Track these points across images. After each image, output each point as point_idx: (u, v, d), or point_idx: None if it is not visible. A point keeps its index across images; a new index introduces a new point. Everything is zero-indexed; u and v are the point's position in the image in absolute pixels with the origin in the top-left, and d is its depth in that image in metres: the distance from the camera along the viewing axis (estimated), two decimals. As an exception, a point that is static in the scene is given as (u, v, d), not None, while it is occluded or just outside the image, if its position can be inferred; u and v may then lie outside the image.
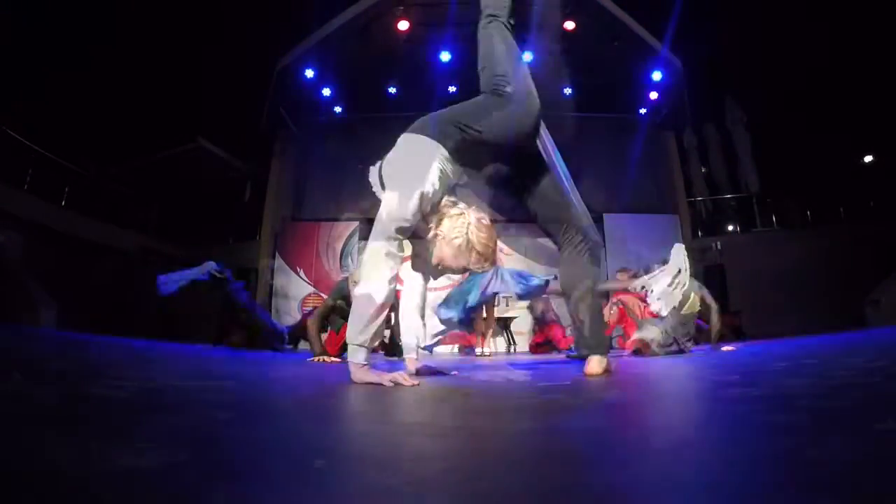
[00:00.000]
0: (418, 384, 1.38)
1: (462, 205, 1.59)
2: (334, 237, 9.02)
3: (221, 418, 0.68)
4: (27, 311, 6.25)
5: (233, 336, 3.62)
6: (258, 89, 9.23)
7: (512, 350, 6.84)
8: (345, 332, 1.49)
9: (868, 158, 13.30)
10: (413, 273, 1.81)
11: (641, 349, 3.34)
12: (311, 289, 8.85)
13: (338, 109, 9.56)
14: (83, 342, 2.93)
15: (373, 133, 8.90)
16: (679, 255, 3.23)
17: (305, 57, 8.54)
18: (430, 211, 1.53)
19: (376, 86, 9.26)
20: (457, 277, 4.44)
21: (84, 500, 0.32)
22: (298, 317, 7.86)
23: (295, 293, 8.85)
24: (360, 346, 1.38)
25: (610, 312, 3.65)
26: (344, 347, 3.28)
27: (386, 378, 1.37)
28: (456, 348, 7.18)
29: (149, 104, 11.39)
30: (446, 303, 3.75)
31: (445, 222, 1.53)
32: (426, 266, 1.78)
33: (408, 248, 1.62)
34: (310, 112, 9.41)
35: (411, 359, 1.79)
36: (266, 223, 9.52)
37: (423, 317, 1.89)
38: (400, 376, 1.38)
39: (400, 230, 1.43)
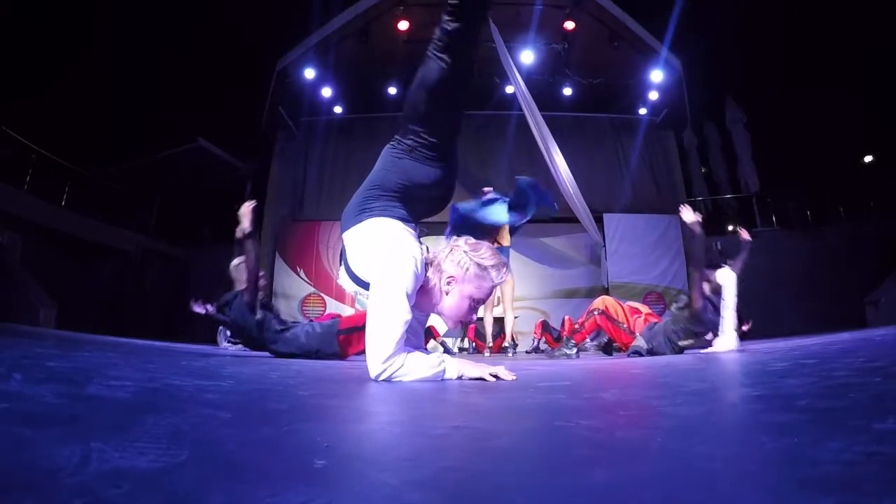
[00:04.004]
0: (516, 377, 1.41)
1: (436, 247, 1.57)
2: (334, 237, 9.03)
3: (221, 418, 0.68)
4: (27, 311, 6.25)
5: None
6: (258, 89, 9.24)
7: (511, 353, 6.83)
8: None
9: (868, 158, 13.31)
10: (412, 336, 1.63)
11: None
12: (311, 289, 8.85)
13: (338, 109, 9.56)
14: (83, 342, 2.93)
15: (373, 133, 8.92)
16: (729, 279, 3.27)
17: (305, 57, 8.55)
18: (424, 277, 1.47)
19: (376, 86, 9.26)
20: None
21: (84, 500, 0.32)
22: (299, 317, 7.85)
23: (295, 293, 8.85)
24: (437, 367, 1.39)
25: (587, 318, 3.66)
26: None
27: (487, 371, 1.40)
28: (458, 345, 7.17)
29: (149, 104, 11.39)
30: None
31: (445, 265, 1.49)
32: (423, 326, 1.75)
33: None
34: (310, 112, 9.42)
35: (452, 359, 1.51)
36: (266, 223, 9.51)
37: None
38: (500, 370, 1.41)
39: (405, 323, 1.35)
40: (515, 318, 7.57)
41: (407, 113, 1.60)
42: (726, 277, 3.37)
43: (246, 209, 3.00)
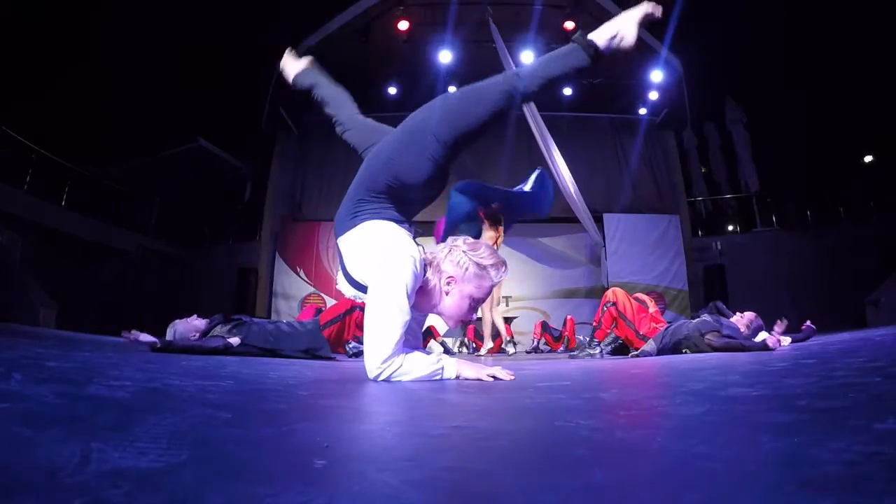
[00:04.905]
0: (514, 377, 1.41)
1: (435, 247, 1.57)
2: (334, 238, 9.02)
3: (221, 418, 0.68)
4: (27, 311, 6.24)
5: None
6: (258, 89, 9.24)
7: (513, 350, 6.83)
8: None
9: (868, 158, 13.30)
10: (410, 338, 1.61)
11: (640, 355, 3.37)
12: (311, 289, 8.85)
13: (338, 109, 9.55)
14: (83, 342, 2.93)
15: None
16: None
17: (305, 57, 8.53)
18: (423, 277, 1.47)
19: (376, 86, 9.26)
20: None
21: (84, 500, 0.32)
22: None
23: (295, 293, 8.86)
24: (435, 366, 1.39)
25: (602, 313, 3.60)
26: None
27: (485, 372, 1.40)
28: (457, 345, 7.16)
29: (149, 104, 11.39)
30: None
31: (444, 265, 1.48)
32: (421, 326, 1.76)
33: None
34: (310, 112, 9.41)
35: (451, 359, 1.50)
36: (266, 223, 9.51)
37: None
38: (498, 370, 1.41)
39: (404, 324, 1.35)
40: (515, 318, 7.58)
41: (440, 116, 1.58)
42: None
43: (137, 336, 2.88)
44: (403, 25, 8.16)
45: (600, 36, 1.54)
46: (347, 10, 8.27)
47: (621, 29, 1.57)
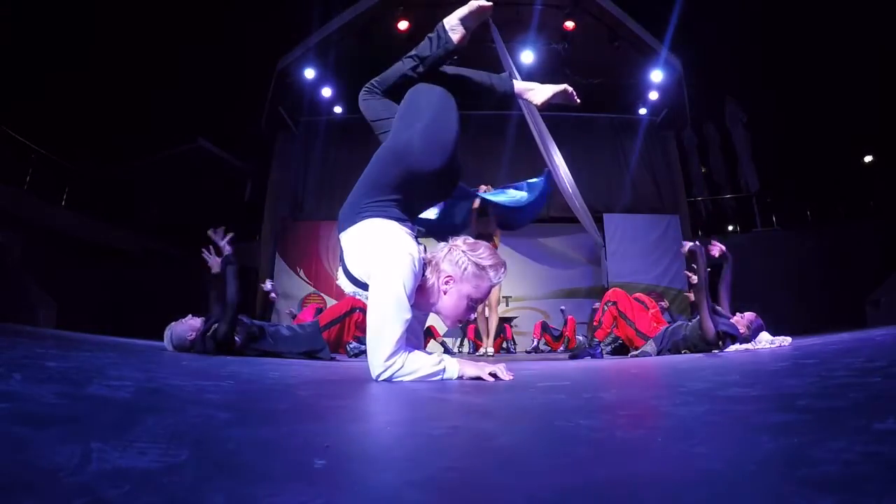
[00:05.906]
0: (513, 377, 1.41)
1: (436, 246, 1.57)
2: (334, 237, 8.99)
3: (221, 418, 0.68)
4: (27, 311, 6.24)
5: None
6: (258, 89, 9.24)
7: (513, 349, 6.84)
8: None
9: (868, 158, 13.30)
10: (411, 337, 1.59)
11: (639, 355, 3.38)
12: (311, 289, 8.85)
13: (338, 109, 9.56)
14: (83, 342, 2.93)
15: (373, 133, 8.90)
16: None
17: (305, 57, 8.54)
18: (422, 277, 1.47)
19: (376, 86, 9.25)
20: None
21: (84, 500, 0.32)
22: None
23: (295, 293, 8.85)
24: (436, 366, 1.39)
25: (603, 313, 3.60)
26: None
27: (486, 371, 1.40)
28: (457, 345, 7.17)
29: (149, 104, 11.39)
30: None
31: (444, 265, 1.49)
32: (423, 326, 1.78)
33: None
34: (310, 112, 9.41)
35: (452, 359, 1.48)
36: (266, 223, 9.50)
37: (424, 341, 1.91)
38: (499, 369, 1.41)
39: (405, 321, 1.36)
40: (515, 318, 7.58)
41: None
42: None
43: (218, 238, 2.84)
44: (403, 25, 8.15)
45: (521, 84, 1.89)
46: (347, 10, 8.27)
47: (538, 91, 1.93)
